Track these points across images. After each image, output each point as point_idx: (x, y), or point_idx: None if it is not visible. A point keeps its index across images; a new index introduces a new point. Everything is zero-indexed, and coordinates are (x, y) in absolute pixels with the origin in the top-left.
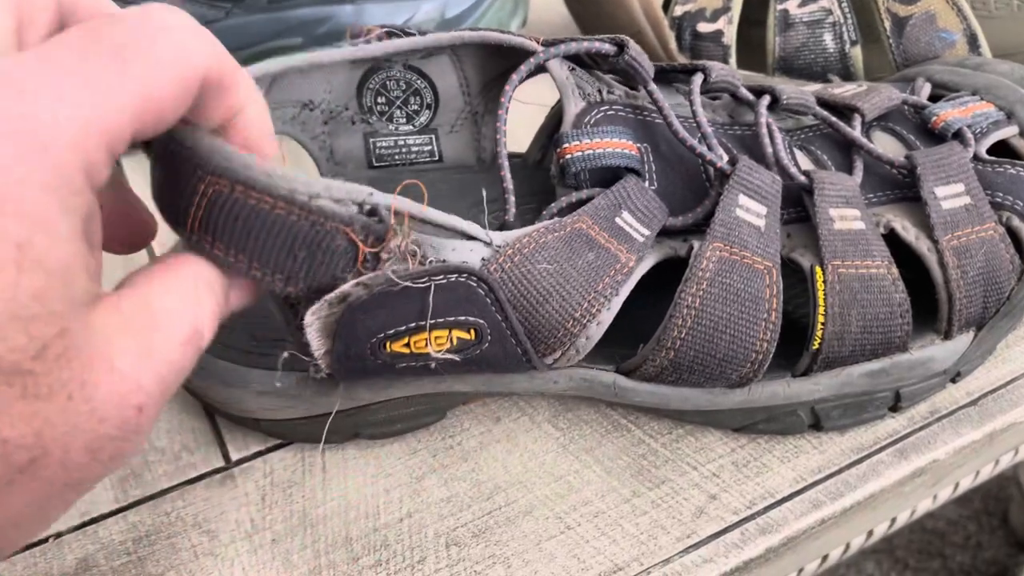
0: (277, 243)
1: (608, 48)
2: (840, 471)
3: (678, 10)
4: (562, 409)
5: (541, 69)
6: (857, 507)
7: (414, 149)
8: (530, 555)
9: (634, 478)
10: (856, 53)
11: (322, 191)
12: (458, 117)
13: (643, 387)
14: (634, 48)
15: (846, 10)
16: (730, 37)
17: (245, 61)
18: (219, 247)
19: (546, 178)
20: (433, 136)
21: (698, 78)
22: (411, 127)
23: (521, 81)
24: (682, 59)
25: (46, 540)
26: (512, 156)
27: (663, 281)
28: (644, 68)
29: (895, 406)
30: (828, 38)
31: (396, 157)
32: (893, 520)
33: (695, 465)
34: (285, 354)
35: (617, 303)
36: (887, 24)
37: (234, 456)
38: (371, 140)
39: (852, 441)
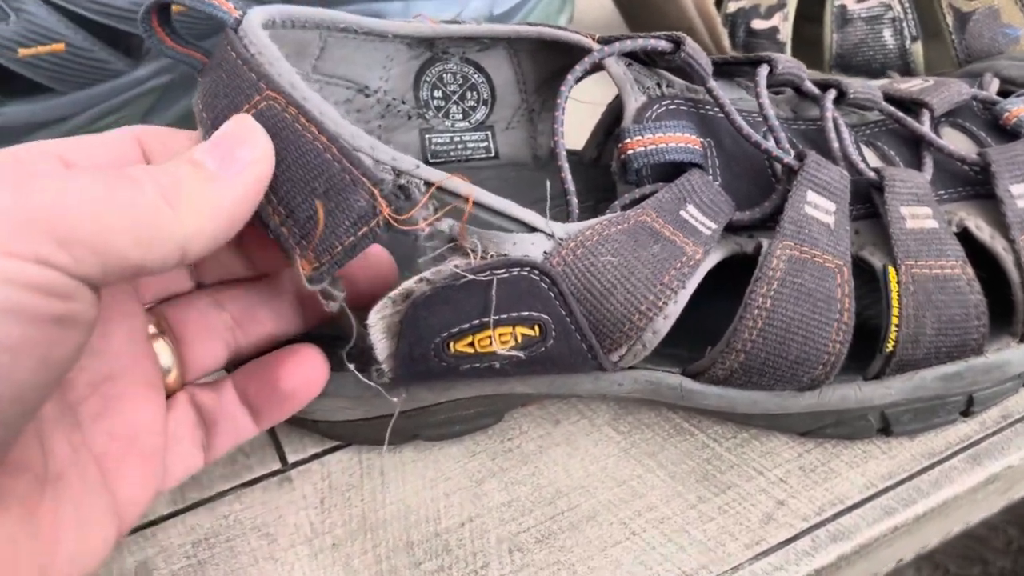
0: (301, 172)
1: (664, 45)
2: (911, 477)
3: (731, 6)
4: (622, 412)
5: (597, 67)
6: (930, 514)
7: (470, 146)
8: (595, 561)
9: (699, 483)
10: (917, 49)
11: (366, 147)
12: (514, 114)
13: (711, 390)
14: (691, 45)
15: (906, 5)
16: (785, 34)
17: None
18: None
19: (602, 176)
20: (489, 133)
21: (763, 70)
22: (467, 123)
23: (578, 79)
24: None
25: None
26: (568, 154)
27: (727, 279)
28: (702, 65)
29: (967, 411)
30: (888, 34)
31: (452, 154)
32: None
33: (761, 470)
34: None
35: (684, 296)
36: (949, 19)
37: (290, 458)
38: (427, 136)
39: (922, 446)
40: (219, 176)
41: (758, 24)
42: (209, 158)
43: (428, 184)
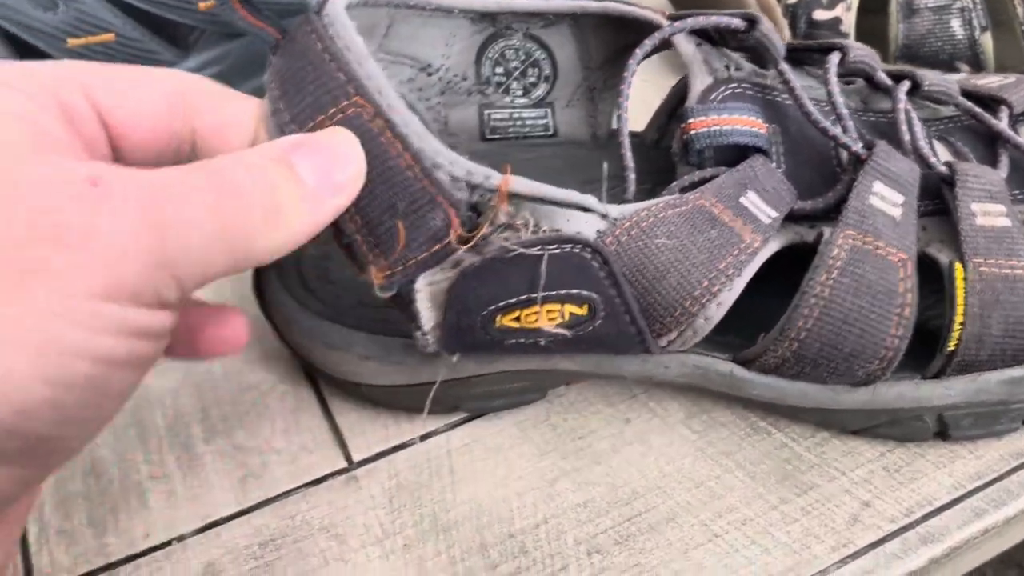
0: (384, 188)
1: (738, 23)
2: (1000, 478)
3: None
4: (696, 411)
5: (665, 45)
6: (1020, 515)
7: (528, 122)
8: (678, 564)
9: (780, 484)
10: (986, 40)
11: (445, 163)
12: (575, 92)
13: (760, 379)
14: (765, 24)
15: None
16: (848, 24)
17: None
18: None
19: (662, 158)
20: (549, 110)
21: (835, 57)
22: (526, 100)
23: (646, 56)
24: None
25: (169, 543)
26: (629, 134)
27: (784, 267)
28: (775, 46)
29: None
30: (956, 24)
31: (510, 130)
32: None
33: (843, 470)
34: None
35: (740, 284)
36: (1020, 10)
37: (355, 456)
38: (486, 112)
39: (1010, 446)
40: (316, 197)
41: (820, 15)
42: (308, 171)
43: (493, 191)
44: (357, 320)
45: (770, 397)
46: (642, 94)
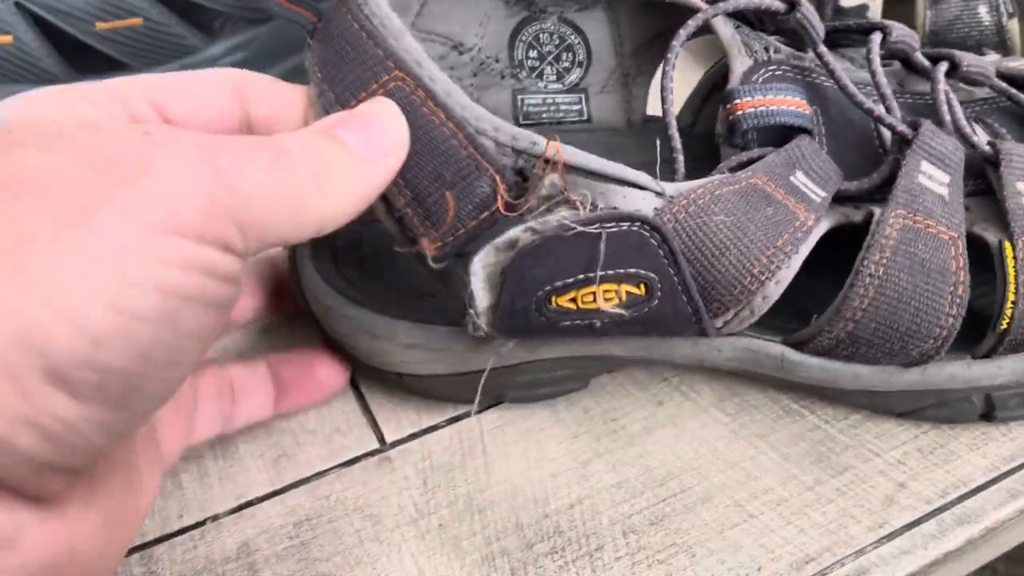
0: (429, 158)
1: (779, 5)
2: None
3: None
4: (727, 394)
5: (703, 29)
6: None
7: (563, 108)
8: (713, 544)
9: (814, 465)
10: (1013, 26)
11: (490, 129)
12: (609, 77)
13: (813, 361)
14: (805, 6)
15: None
16: (876, 11)
17: None
18: None
19: (697, 144)
20: (583, 96)
21: (877, 37)
22: (560, 85)
23: (688, 37)
24: None
25: (203, 523)
26: (657, 120)
27: (830, 252)
28: (815, 28)
29: None
30: (983, 10)
31: (544, 115)
32: None
33: (878, 452)
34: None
35: (797, 262)
36: None
37: (388, 437)
38: (519, 97)
39: None
40: (365, 163)
41: (847, 1)
42: (354, 140)
43: (545, 161)
44: (398, 309)
45: (821, 379)
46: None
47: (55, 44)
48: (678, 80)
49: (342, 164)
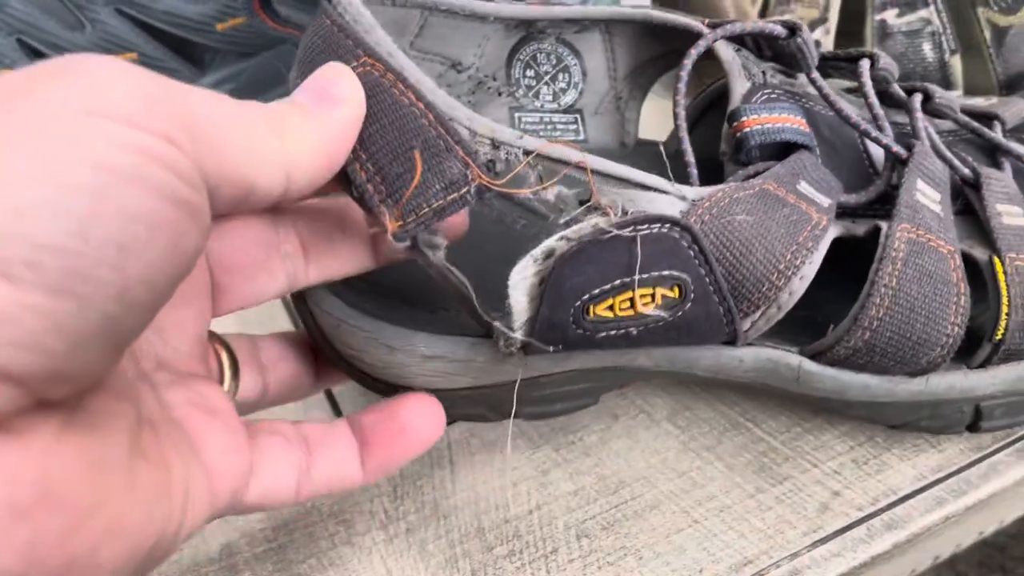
0: (396, 134)
1: (780, 30)
2: (961, 470)
3: (775, 20)
4: (679, 407)
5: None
6: (978, 505)
7: (559, 127)
8: (660, 547)
9: (756, 475)
10: (956, 62)
11: (463, 118)
12: (601, 100)
13: (827, 372)
14: (805, 32)
15: (945, 20)
16: (828, 47)
17: None
18: None
19: (686, 169)
20: (578, 116)
21: (866, 63)
22: (556, 105)
23: (699, 54)
24: None
25: None
26: (650, 143)
27: (832, 264)
28: (812, 54)
29: None
30: (927, 47)
31: (541, 134)
32: (1001, 522)
33: (815, 462)
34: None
35: (818, 258)
36: (987, 34)
37: None
38: (516, 114)
39: (969, 441)
40: (316, 111)
41: None
42: (303, 97)
43: (528, 153)
44: (413, 322)
45: (833, 390)
46: (660, 106)
47: None
48: (662, 108)
49: (296, 115)
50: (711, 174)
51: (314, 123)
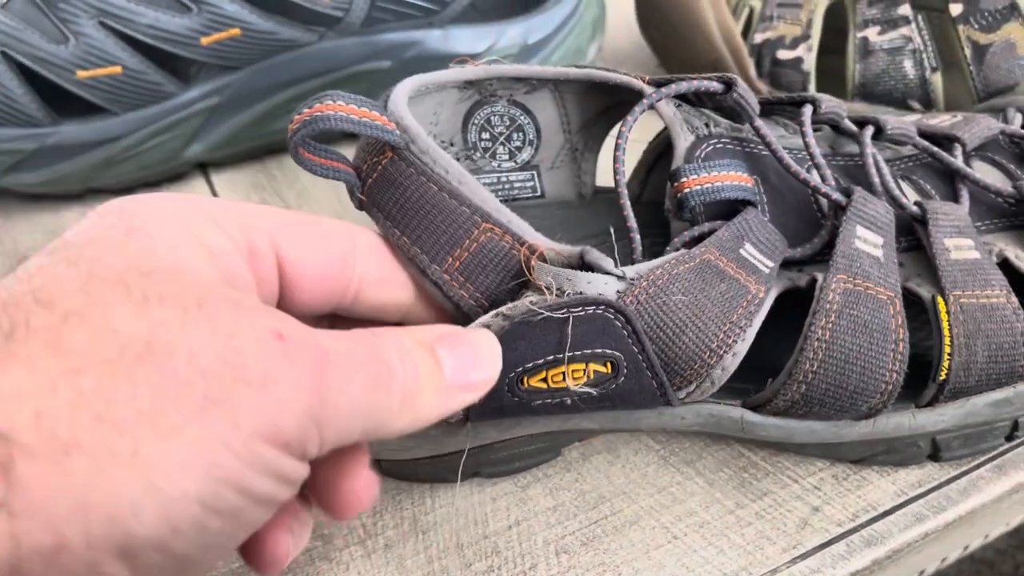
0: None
1: (716, 87)
2: (940, 486)
3: (757, 37)
4: None
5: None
6: (958, 521)
7: (516, 185)
8: (639, 563)
9: (736, 490)
10: (936, 80)
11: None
12: (558, 154)
13: (770, 421)
14: (741, 86)
15: (926, 38)
16: (810, 64)
17: (335, 84)
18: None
19: (647, 213)
20: (535, 172)
21: (808, 110)
22: (513, 164)
23: (635, 120)
24: (761, 85)
25: None
26: (607, 191)
27: (776, 312)
28: (751, 105)
29: (1011, 435)
30: (908, 65)
31: (499, 193)
32: (986, 536)
33: (796, 478)
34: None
35: (751, 334)
36: (967, 51)
37: None
38: (475, 176)
39: None
40: (449, 392)
41: (783, 54)
42: (450, 365)
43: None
44: None
45: (778, 437)
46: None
47: (38, 91)
48: (631, 148)
49: (430, 388)
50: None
51: (438, 404)
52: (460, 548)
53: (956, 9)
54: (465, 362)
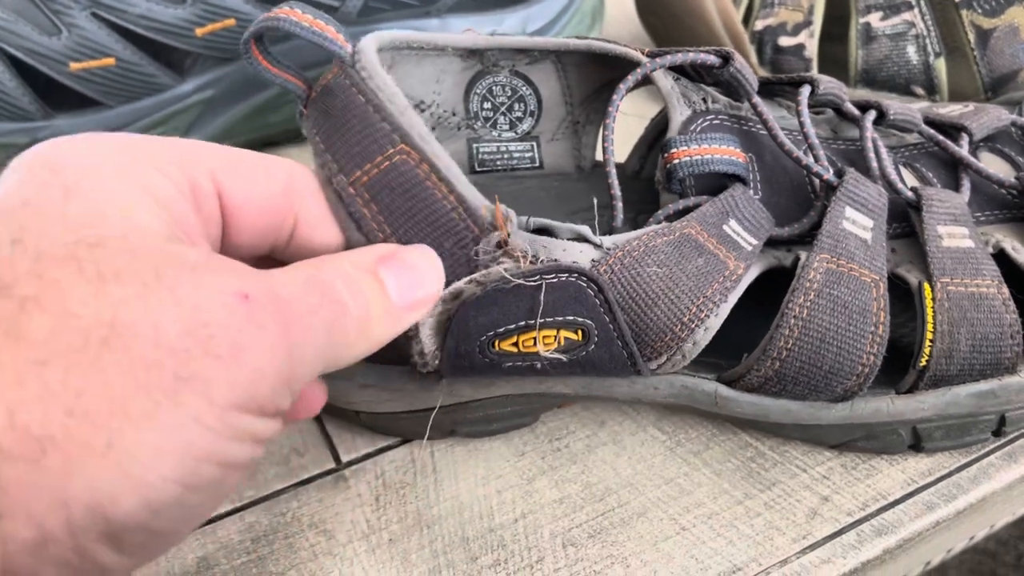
0: (430, 230)
1: (713, 60)
2: (950, 474)
3: (759, 24)
4: (666, 412)
5: (645, 80)
6: (969, 509)
7: (515, 155)
8: (648, 555)
9: (744, 480)
10: (940, 65)
11: (482, 206)
12: (559, 126)
13: (744, 398)
14: (739, 60)
15: (929, 23)
16: (811, 50)
17: None
18: (374, 208)
19: (644, 189)
20: (534, 143)
21: (806, 90)
22: (513, 134)
23: (628, 91)
24: (763, 73)
25: None
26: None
27: (764, 292)
28: (749, 81)
29: (999, 430)
30: (911, 51)
31: (498, 163)
32: (992, 526)
33: (804, 467)
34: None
35: (725, 310)
36: (971, 36)
37: (344, 458)
38: (474, 145)
39: None
40: (397, 312)
41: (785, 41)
42: (393, 286)
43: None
44: None
45: (753, 414)
46: (624, 125)
47: (31, 83)
48: (636, 124)
49: (379, 314)
50: None
51: (388, 326)
52: (466, 542)
53: None
54: (408, 282)
